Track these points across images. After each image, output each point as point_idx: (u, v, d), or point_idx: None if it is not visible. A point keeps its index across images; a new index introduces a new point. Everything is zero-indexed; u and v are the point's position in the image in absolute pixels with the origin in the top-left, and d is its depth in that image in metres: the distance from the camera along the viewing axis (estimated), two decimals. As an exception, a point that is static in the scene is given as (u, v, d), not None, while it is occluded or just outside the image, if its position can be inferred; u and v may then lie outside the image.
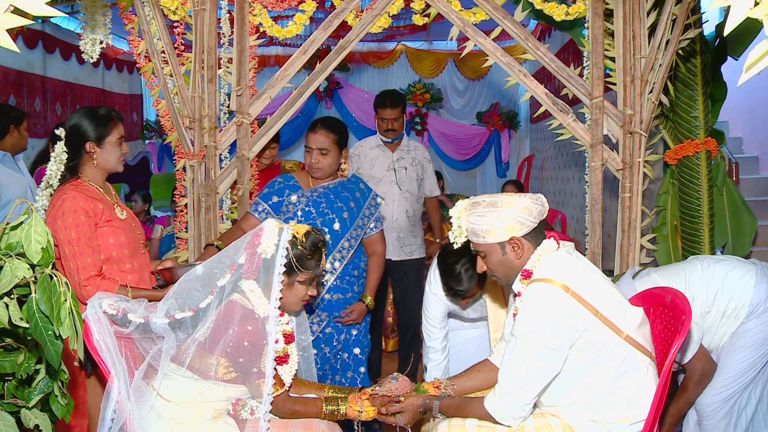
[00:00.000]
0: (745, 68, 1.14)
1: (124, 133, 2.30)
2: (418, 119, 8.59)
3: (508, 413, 1.77)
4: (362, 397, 1.99)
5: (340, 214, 2.63)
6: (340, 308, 2.63)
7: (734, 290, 2.21)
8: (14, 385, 1.44)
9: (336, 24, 2.94)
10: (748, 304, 2.18)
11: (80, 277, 2.09)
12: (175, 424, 1.83)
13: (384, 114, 3.57)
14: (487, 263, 1.91)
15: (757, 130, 5.61)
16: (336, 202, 2.64)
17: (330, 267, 2.60)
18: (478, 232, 1.85)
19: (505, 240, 1.84)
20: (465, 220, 1.87)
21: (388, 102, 3.56)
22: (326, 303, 2.62)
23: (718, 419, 2.25)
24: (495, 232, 1.83)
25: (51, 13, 1.14)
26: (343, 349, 2.67)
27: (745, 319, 2.19)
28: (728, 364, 2.22)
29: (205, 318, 1.85)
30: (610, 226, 3.62)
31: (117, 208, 2.27)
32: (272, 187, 2.67)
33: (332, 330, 2.64)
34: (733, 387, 2.22)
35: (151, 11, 2.83)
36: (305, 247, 1.91)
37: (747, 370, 2.21)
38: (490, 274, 1.94)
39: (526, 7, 2.93)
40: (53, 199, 2.16)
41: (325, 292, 2.60)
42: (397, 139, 3.65)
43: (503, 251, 1.86)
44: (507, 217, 1.82)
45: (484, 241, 1.85)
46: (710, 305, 2.23)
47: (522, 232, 1.83)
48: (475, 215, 1.85)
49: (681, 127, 3.15)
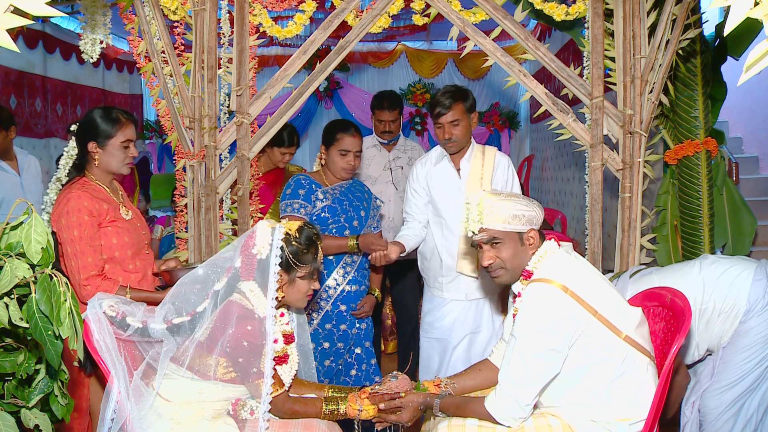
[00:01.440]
0: (745, 68, 1.14)
1: (133, 136, 2.28)
2: (418, 119, 8.59)
3: (509, 414, 1.77)
4: (362, 396, 1.99)
5: (358, 211, 2.75)
6: (357, 299, 2.75)
7: (730, 288, 2.21)
8: (14, 385, 1.44)
9: (336, 24, 2.94)
10: (746, 302, 2.18)
11: (80, 276, 2.10)
12: (175, 424, 1.83)
13: (381, 116, 3.57)
14: (500, 253, 1.86)
15: (757, 130, 5.61)
16: (354, 200, 2.76)
17: (350, 260, 2.73)
18: (503, 218, 1.82)
19: (524, 231, 1.85)
20: (489, 203, 1.82)
21: (386, 104, 3.56)
22: (345, 294, 2.72)
23: (724, 420, 2.23)
24: (521, 220, 1.84)
25: (51, 13, 1.14)
26: (356, 344, 2.77)
27: (744, 317, 2.19)
28: (733, 364, 2.21)
29: (202, 321, 1.85)
30: (610, 226, 3.62)
31: (122, 208, 2.28)
32: (302, 187, 2.71)
33: (346, 327, 2.72)
34: (739, 387, 2.21)
35: (151, 11, 2.83)
36: (300, 242, 1.91)
37: (752, 370, 2.19)
38: (494, 269, 1.90)
39: (526, 7, 2.93)
40: (59, 197, 2.18)
41: (345, 283, 2.71)
42: (393, 140, 3.66)
43: (521, 242, 1.86)
44: (527, 208, 1.85)
45: (507, 227, 1.83)
46: (706, 303, 2.23)
47: (536, 226, 1.88)
48: (502, 199, 1.84)
49: (681, 127, 3.15)
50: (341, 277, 2.72)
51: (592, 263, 2.66)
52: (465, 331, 2.79)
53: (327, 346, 2.69)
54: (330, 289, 2.70)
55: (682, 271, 2.33)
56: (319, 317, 2.69)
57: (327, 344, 2.69)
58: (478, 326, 2.80)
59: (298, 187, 2.70)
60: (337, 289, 2.70)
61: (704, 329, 2.26)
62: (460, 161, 2.80)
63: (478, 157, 2.79)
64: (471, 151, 2.80)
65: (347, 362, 2.77)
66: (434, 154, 2.86)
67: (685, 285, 2.23)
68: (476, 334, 2.80)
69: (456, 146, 2.74)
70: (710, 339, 2.27)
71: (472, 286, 2.77)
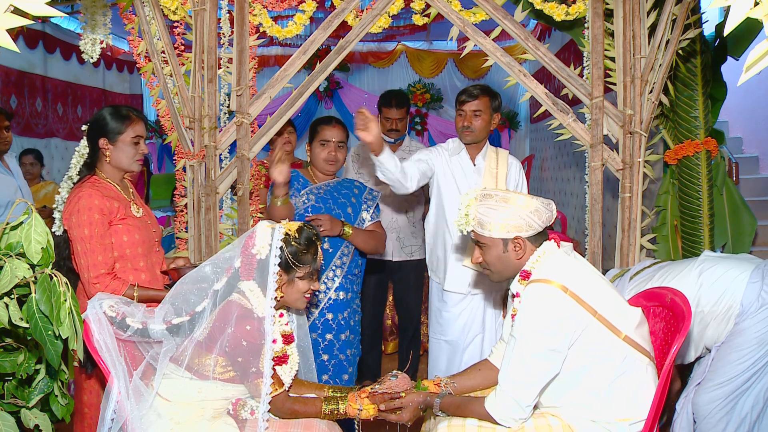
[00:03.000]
0: (745, 68, 1.14)
1: (143, 133, 2.30)
2: (418, 119, 8.59)
3: (509, 414, 1.77)
4: (362, 396, 1.98)
5: (344, 209, 2.67)
6: (344, 308, 2.64)
7: (725, 291, 2.21)
8: (14, 385, 1.44)
9: (336, 24, 2.94)
10: (740, 304, 2.18)
11: (90, 274, 2.11)
12: (175, 423, 1.83)
13: (389, 114, 3.59)
14: (484, 256, 1.91)
15: (757, 130, 5.61)
16: (339, 198, 2.69)
17: (340, 263, 2.63)
18: (484, 224, 1.84)
19: (509, 238, 1.85)
20: (474, 210, 1.86)
21: (394, 102, 3.58)
22: (332, 302, 2.63)
23: (717, 420, 2.23)
24: (502, 228, 1.83)
25: (51, 13, 1.14)
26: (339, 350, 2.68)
27: (738, 318, 2.19)
28: (726, 363, 2.21)
29: (201, 321, 1.85)
30: (611, 226, 3.62)
31: (133, 205, 2.28)
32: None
33: (332, 337, 2.64)
34: (731, 386, 2.21)
35: (151, 11, 2.83)
36: (299, 242, 1.92)
37: (745, 370, 2.19)
38: (484, 266, 1.94)
39: (526, 7, 2.93)
40: (70, 195, 2.19)
41: (332, 290, 2.62)
42: (399, 139, 3.66)
43: (504, 248, 1.86)
44: (517, 216, 1.82)
45: (489, 234, 1.85)
46: (702, 306, 2.23)
47: (528, 233, 1.84)
48: (486, 207, 1.85)
49: (681, 127, 3.15)
50: (330, 281, 2.63)
51: (592, 263, 2.66)
52: (475, 332, 2.80)
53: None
54: (319, 293, 2.62)
55: (681, 274, 2.32)
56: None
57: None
58: (485, 329, 2.81)
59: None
60: (328, 293, 2.62)
61: (701, 331, 2.26)
62: (476, 157, 2.83)
63: (492, 157, 2.83)
64: (486, 150, 2.85)
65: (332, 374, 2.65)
66: (451, 145, 2.87)
67: (684, 288, 2.23)
68: (484, 337, 2.81)
69: (472, 136, 2.76)
70: (706, 340, 2.28)
71: (476, 279, 2.77)
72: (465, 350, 2.80)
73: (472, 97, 2.73)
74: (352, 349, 2.71)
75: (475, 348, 2.80)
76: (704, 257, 2.38)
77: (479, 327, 2.80)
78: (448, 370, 2.79)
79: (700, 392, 2.27)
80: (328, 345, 2.63)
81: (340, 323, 2.64)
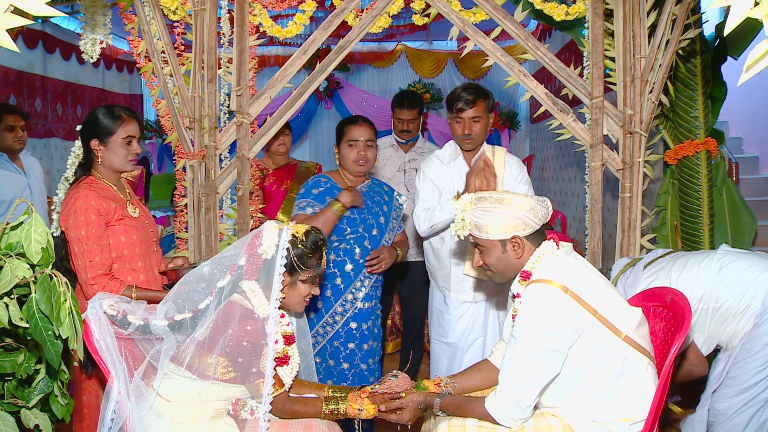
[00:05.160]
0: (745, 68, 1.14)
1: (136, 132, 2.28)
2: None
3: (509, 415, 1.77)
4: (362, 396, 1.99)
5: (377, 218, 2.64)
6: (368, 318, 2.61)
7: (747, 289, 2.17)
8: (14, 385, 1.44)
9: (336, 24, 2.94)
10: (761, 303, 2.15)
11: (87, 275, 2.11)
12: (175, 424, 1.83)
13: (401, 114, 3.62)
14: (485, 258, 1.92)
15: (757, 130, 5.61)
16: (374, 206, 2.64)
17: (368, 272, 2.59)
18: (481, 227, 1.86)
19: (507, 238, 1.85)
20: (470, 214, 1.88)
21: (406, 102, 3.61)
22: (358, 311, 2.58)
23: (735, 423, 2.20)
24: (499, 229, 1.84)
25: (51, 13, 1.14)
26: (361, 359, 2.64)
27: (757, 319, 2.15)
28: (746, 370, 2.18)
29: (204, 318, 1.85)
30: (611, 226, 3.62)
31: (130, 205, 2.28)
32: (318, 186, 2.60)
33: (355, 347, 2.59)
34: (751, 392, 2.17)
35: (151, 11, 2.83)
36: (306, 246, 1.91)
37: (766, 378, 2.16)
38: (485, 269, 1.96)
39: (526, 7, 2.93)
40: (67, 196, 2.19)
41: (359, 300, 2.58)
42: (411, 140, 3.69)
43: (503, 249, 1.87)
44: (512, 216, 1.83)
45: (487, 236, 1.86)
46: (721, 301, 2.20)
47: (525, 232, 1.85)
48: (481, 210, 1.86)
49: (681, 127, 3.15)
50: (358, 291, 2.58)
51: (592, 263, 2.66)
52: (476, 335, 2.79)
53: (332, 363, 2.59)
54: (346, 303, 2.57)
55: (701, 266, 2.27)
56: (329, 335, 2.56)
57: (332, 362, 2.59)
58: (487, 332, 2.81)
59: (314, 186, 2.60)
60: (354, 303, 2.57)
61: (717, 327, 2.22)
62: (472, 160, 2.77)
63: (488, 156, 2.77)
64: (481, 151, 2.78)
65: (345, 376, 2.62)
66: (447, 151, 2.80)
67: (702, 281, 2.22)
68: (486, 340, 2.81)
69: (473, 143, 2.71)
70: (721, 336, 2.24)
71: (479, 287, 2.77)
72: (466, 352, 2.79)
73: (470, 105, 2.63)
74: (374, 358, 2.66)
75: (477, 350, 2.79)
76: (723, 251, 2.33)
77: (480, 330, 2.79)
78: (449, 372, 2.77)
79: (718, 397, 2.24)
80: (350, 354, 2.59)
81: (364, 333, 2.61)
